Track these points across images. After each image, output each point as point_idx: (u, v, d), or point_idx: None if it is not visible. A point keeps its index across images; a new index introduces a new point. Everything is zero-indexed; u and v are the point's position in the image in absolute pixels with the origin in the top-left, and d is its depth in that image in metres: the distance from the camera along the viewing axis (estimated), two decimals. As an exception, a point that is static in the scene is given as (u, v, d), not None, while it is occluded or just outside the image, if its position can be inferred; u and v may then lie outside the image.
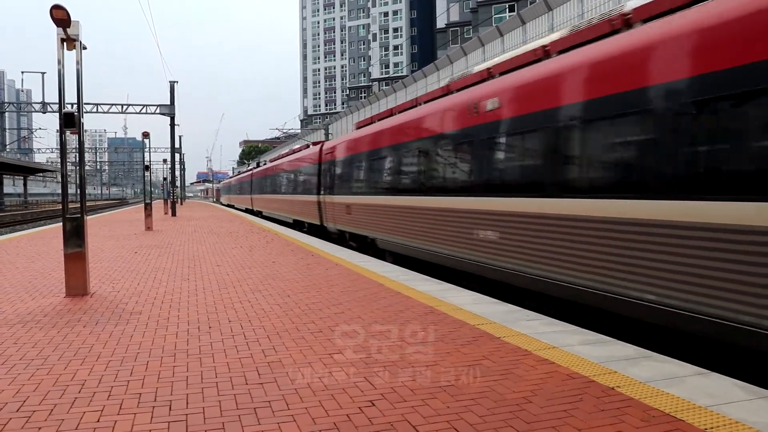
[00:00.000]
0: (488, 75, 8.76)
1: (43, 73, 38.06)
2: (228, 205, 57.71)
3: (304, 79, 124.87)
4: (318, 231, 18.15)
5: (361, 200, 13.69)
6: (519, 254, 7.18)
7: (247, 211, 40.19)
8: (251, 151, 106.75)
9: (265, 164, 39.91)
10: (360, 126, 15.88)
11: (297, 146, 27.95)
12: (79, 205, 7.52)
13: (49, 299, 7.11)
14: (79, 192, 7.81)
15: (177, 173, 42.81)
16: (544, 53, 7.47)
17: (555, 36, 7.71)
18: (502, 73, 8.31)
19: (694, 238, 4.81)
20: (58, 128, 7.51)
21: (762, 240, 4.27)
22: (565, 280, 6.35)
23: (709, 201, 4.71)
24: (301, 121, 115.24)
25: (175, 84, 36.48)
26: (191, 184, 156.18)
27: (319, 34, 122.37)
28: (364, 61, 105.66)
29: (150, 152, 25.96)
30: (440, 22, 68.49)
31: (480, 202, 8.14)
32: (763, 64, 4.32)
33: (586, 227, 6.00)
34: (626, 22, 6.23)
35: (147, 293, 7.49)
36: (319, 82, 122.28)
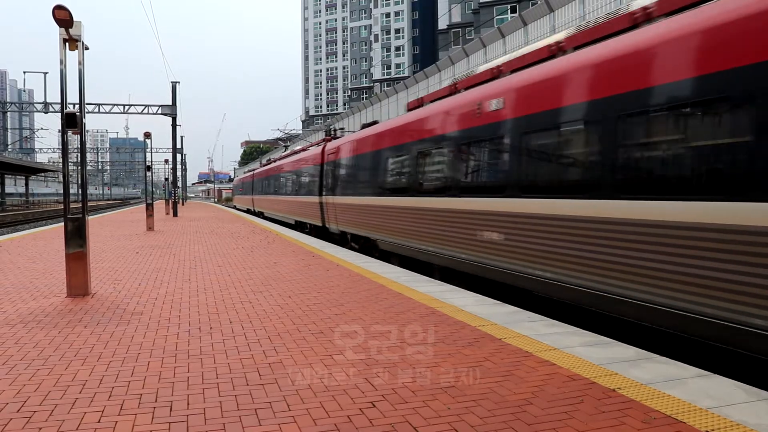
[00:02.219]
0: None
1: (45, 73, 38.12)
2: (252, 213, 36.96)
3: (306, 80, 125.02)
4: None
5: None
6: None
7: (299, 226, 21.47)
8: (252, 151, 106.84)
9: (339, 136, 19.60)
10: None
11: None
12: (80, 205, 7.53)
13: (51, 299, 7.12)
14: (80, 192, 7.83)
15: (178, 173, 42.85)
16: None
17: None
18: None
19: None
20: (60, 128, 7.52)
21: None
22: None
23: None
24: (302, 121, 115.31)
25: (177, 84, 36.54)
26: (192, 184, 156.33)
27: (320, 35, 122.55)
28: (365, 62, 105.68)
29: (152, 152, 26.01)
30: (442, 23, 68.51)
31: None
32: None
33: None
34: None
35: (148, 294, 7.49)
36: (320, 83, 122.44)
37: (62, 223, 7.77)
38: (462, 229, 8.68)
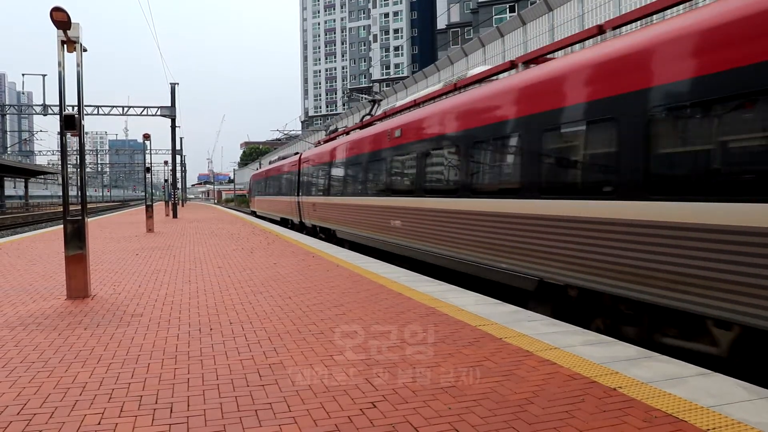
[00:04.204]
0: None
1: (44, 75, 38.10)
2: (300, 229, 21.14)
3: (305, 81, 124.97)
4: None
5: None
6: None
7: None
8: (252, 152, 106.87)
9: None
10: None
11: None
12: (80, 207, 7.52)
13: (50, 301, 7.11)
14: (80, 194, 7.82)
15: (178, 175, 42.85)
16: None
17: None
18: None
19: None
20: (59, 130, 7.51)
21: None
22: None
23: None
24: (302, 122, 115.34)
25: (176, 86, 36.55)
26: (192, 185, 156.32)
27: (319, 36, 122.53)
28: (364, 62, 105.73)
29: (151, 154, 25.99)
30: (440, 23, 68.57)
31: None
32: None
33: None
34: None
35: (148, 295, 7.49)
36: (320, 84, 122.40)
37: (62, 226, 7.77)
38: None
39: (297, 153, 24.82)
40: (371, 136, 13.64)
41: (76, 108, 7.45)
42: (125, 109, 38.16)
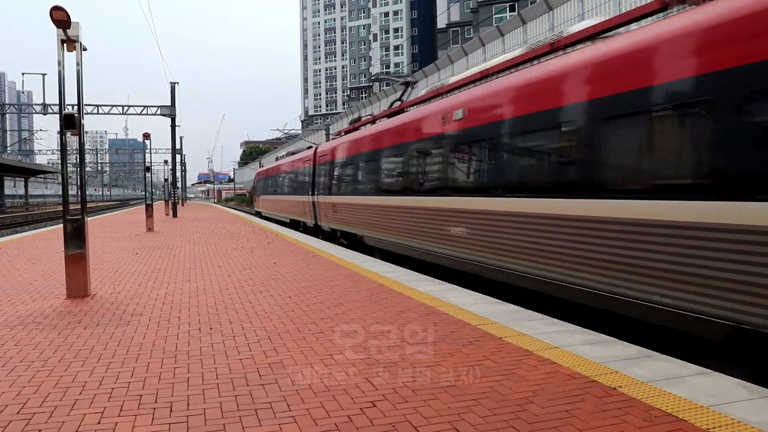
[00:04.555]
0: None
1: (43, 75, 38.07)
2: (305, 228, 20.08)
3: (305, 80, 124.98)
4: None
5: None
6: None
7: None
8: (252, 151, 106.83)
9: None
10: None
11: None
12: (79, 207, 7.52)
13: (50, 301, 7.11)
14: (79, 193, 7.82)
15: (178, 174, 42.82)
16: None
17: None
18: None
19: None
20: (59, 129, 7.51)
21: None
22: None
23: None
24: (302, 121, 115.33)
25: (176, 85, 36.55)
26: (192, 185, 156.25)
27: (319, 35, 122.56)
28: (364, 61, 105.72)
29: (151, 153, 25.99)
30: (440, 22, 68.58)
31: None
32: None
33: None
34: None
35: (148, 294, 7.49)
36: (319, 83, 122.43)
37: (61, 225, 7.76)
38: None
39: (311, 147, 21.92)
40: (417, 120, 10.84)
41: (75, 107, 7.45)
42: (125, 108, 38.15)
